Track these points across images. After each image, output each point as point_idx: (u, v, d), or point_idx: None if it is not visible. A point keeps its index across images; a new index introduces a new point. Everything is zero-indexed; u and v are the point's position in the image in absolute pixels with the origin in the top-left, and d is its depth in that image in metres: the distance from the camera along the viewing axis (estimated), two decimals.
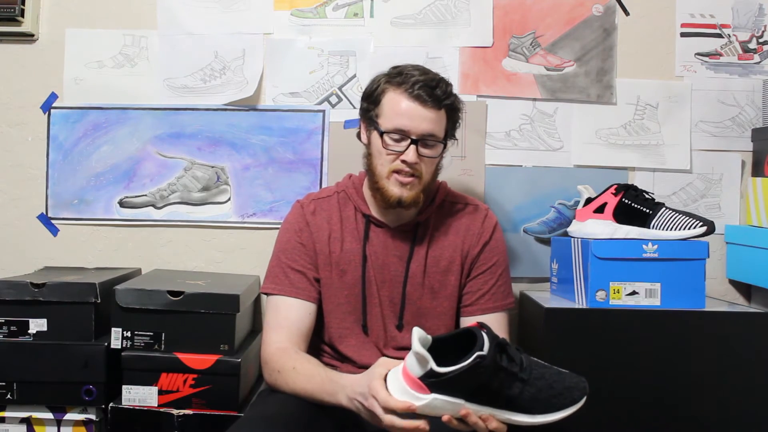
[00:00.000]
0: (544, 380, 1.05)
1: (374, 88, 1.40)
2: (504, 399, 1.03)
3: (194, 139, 1.87)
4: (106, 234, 1.88)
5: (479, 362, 0.98)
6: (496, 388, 1.02)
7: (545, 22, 1.86)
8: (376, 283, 1.43)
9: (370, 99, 1.41)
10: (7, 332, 1.53)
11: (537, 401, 1.04)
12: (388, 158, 1.36)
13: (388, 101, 1.37)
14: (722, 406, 1.52)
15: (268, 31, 1.86)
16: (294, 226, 1.46)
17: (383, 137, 1.36)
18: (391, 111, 1.36)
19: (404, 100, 1.35)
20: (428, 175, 1.39)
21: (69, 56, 1.87)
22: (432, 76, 1.37)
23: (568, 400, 1.06)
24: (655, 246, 1.55)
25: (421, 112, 1.34)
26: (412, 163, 1.34)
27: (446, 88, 1.38)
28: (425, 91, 1.34)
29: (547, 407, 1.05)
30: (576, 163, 1.87)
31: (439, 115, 1.36)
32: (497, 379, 1.01)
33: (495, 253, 1.47)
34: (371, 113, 1.40)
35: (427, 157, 1.37)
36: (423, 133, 1.34)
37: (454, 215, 1.49)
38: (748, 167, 1.87)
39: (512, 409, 1.04)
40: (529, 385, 1.04)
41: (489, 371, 1.00)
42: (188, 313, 1.51)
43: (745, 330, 1.53)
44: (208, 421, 1.48)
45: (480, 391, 1.02)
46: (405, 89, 1.35)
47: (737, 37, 1.87)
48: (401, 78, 1.36)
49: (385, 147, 1.36)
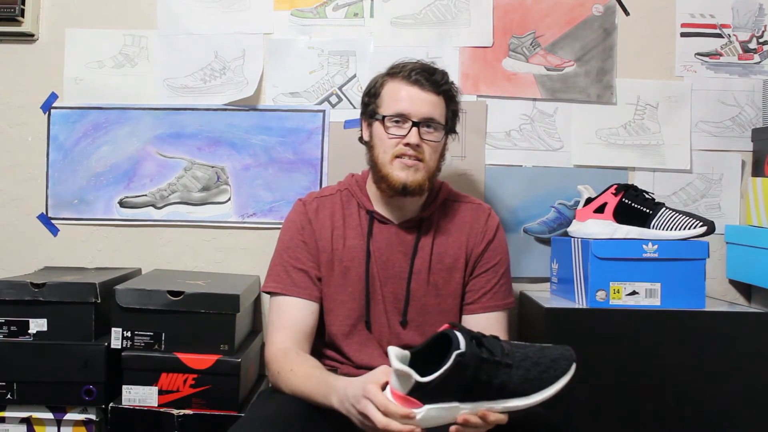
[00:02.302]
0: (529, 359, 1.05)
1: (373, 84, 1.45)
2: (495, 389, 1.03)
3: (194, 139, 1.87)
4: (106, 234, 1.88)
5: (460, 360, 0.98)
6: (485, 381, 1.02)
7: (545, 22, 1.86)
8: (379, 279, 1.42)
9: (369, 95, 1.44)
10: (7, 332, 1.53)
11: (528, 381, 1.04)
12: (390, 143, 1.38)
13: (387, 91, 1.41)
14: (722, 406, 1.52)
15: (268, 31, 1.86)
16: (296, 224, 1.46)
17: (384, 122, 1.38)
18: (391, 98, 1.39)
19: (403, 86, 1.39)
20: (432, 161, 1.40)
21: (69, 56, 1.87)
22: (428, 65, 1.42)
23: (558, 371, 1.06)
24: (655, 246, 1.55)
25: (421, 95, 1.38)
26: (414, 144, 1.36)
27: (443, 75, 1.42)
28: (423, 75, 1.38)
29: (540, 384, 1.05)
30: (576, 163, 1.87)
31: (438, 100, 1.39)
32: (483, 371, 1.01)
33: (498, 252, 1.47)
34: (371, 107, 1.43)
35: (429, 141, 1.38)
36: (424, 116, 1.37)
37: (458, 213, 1.49)
38: (748, 167, 1.87)
39: (506, 396, 1.04)
40: (516, 368, 1.03)
41: (472, 366, 1.00)
42: (188, 313, 1.51)
43: (745, 330, 1.53)
44: (208, 421, 1.48)
45: (470, 389, 1.02)
46: (403, 76, 1.39)
47: (737, 37, 1.87)
48: (398, 68, 1.41)
49: (387, 131, 1.38)
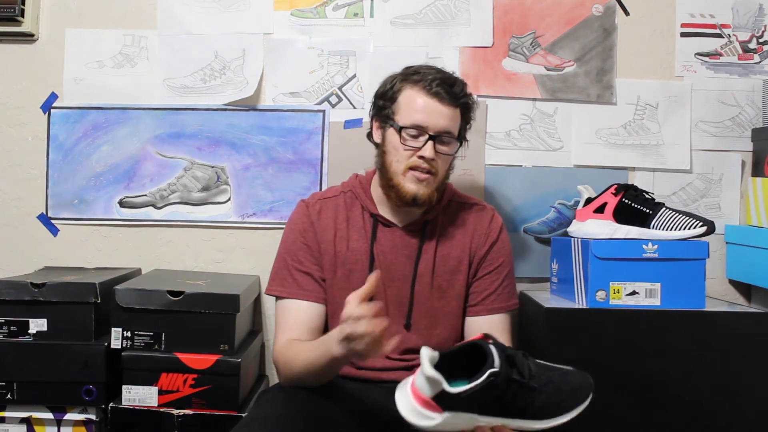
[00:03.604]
0: (553, 384, 1.06)
1: (389, 86, 1.41)
2: (516, 409, 1.03)
3: (194, 139, 1.87)
4: (106, 234, 1.88)
5: (492, 380, 0.98)
6: (509, 400, 1.02)
7: (545, 22, 1.86)
8: (383, 282, 1.42)
9: (385, 97, 1.41)
10: (7, 332, 1.53)
11: (547, 406, 1.05)
12: (405, 154, 1.36)
13: (405, 98, 1.38)
14: (723, 406, 1.51)
15: (268, 31, 1.86)
16: (298, 226, 1.46)
17: (401, 133, 1.36)
18: (408, 107, 1.37)
19: (422, 96, 1.36)
20: (443, 173, 1.40)
21: (69, 56, 1.87)
22: (448, 75, 1.39)
23: (576, 400, 1.07)
24: (655, 246, 1.55)
25: (439, 108, 1.35)
26: (429, 159, 1.35)
27: (462, 86, 1.40)
28: (443, 88, 1.35)
29: (557, 411, 1.06)
30: (576, 163, 1.87)
31: (455, 113, 1.38)
32: (509, 392, 1.01)
33: (501, 253, 1.47)
34: (386, 111, 1.40)
35: (443, 154, 1.37)
36: (440, 130, 1.35)
37: (461, 215, 1.49)
38: (748, 167, 1.87)
39: (524, 417, 1.04)
40: (539, 393, 1.04)
41: (502, 386, 1.00)
42: (188, 313, 1.51)
43: (745, 330, 1.53)
44: (208, 421, 1.48)
45: (493, 405, 1.02)
46: (423, 86, 1.36)
47: (737, 37, 1.87)
48: (418, 76, 1.37)
49: (402, 143, 1.36)
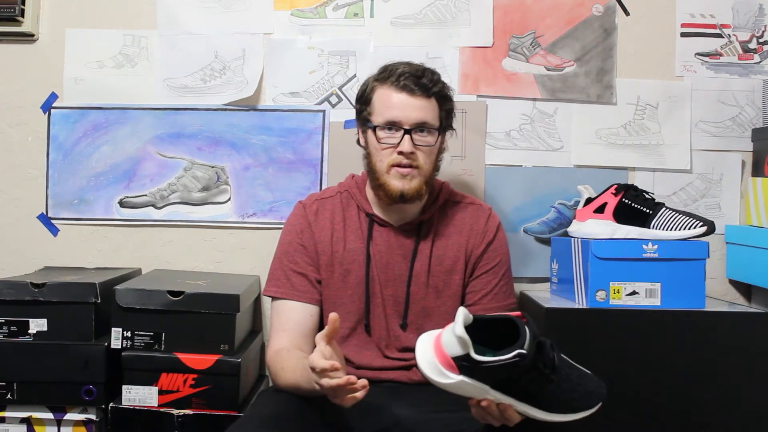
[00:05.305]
0: (569, 382, 1.06)
1: (364, 89, 1.43)
2: (528, 394, 1.04)
3: (194, 139, 1.87)
4: (106, 234, 1.87)
5: (518, 361, 0.98)
6: (524, 384, 1.03)
7: (545, 22, 1.86)
8: (379, 282, 1.42)
9: (361, 100, 1.44)
10: (7, 332, 1.53)
11: (557, 400, 1.05)
12: (385, 152, 1.38)
13: (378, 97, 1.39)
14: (722, 406, 1.52)
15: (268, 31, 1.86)
16: (296, 227, 1.46)
17: (376, 131, 1.37)
18: (381, 106, 1.38)
19: (392, 92, 1.37)
20: (427, 165, 1.40)
21: (69, 56, 1.87)
22: (417, 67, 1.40)
23: (585, 404, 1.07)
24: (655, 246, 1.55)
25: (411, 102, 1.36)
26: (408, 152, 1.35)
27: (432, 76, 1.40)
28: (411, 80, 1.36)
29: (565, 408, 1.06)
30: (576, 163, 1.87)
31: (429, 103, 1.38)
32: (528, 377, 1.02)
33: (498, 253, 1.47)
34: (363, 113, 1.42)
35: (423, 146, 1.38)
36: (415, 122, 1.36)
37: (458, 214, 1.49)
38: (748, 167, 1.87)
39: (532, 403, 1.05)
40: (554, 386, 1.04)
41: (523, 369, 1.00)
42: (188, 313, 1.51)
43: (745, 330, 1.53)
44: (208, 421, 1.48)
45: (507, 383, 1.02)
46: (392, 82, 1.38)
47: (737, 37, 1.87)
48: (387, 73, 1.39)
49: (379, 141, 1.37)
